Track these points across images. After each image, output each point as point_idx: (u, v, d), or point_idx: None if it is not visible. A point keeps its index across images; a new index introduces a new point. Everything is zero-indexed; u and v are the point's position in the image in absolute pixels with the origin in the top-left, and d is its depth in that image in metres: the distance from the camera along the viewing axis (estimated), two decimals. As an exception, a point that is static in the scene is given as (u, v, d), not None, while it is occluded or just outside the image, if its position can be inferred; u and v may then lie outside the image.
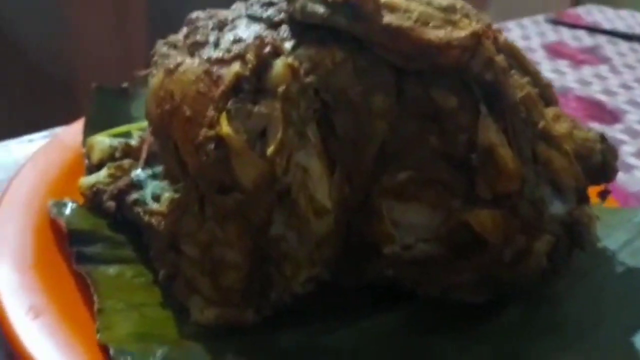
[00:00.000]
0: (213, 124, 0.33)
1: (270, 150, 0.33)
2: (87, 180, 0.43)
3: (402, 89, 0.35)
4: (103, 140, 0.47)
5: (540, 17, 1.02)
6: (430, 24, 0.34)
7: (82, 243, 0.39)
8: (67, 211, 0.41)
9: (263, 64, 0.34)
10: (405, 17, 0.34)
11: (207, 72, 0.34)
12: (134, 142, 0.47)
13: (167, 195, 0.40)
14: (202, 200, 0.35)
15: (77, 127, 0.49)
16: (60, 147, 0.48)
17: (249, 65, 0.34)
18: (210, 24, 0.37)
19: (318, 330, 0.37)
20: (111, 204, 0.42)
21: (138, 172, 0.43)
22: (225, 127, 0.33)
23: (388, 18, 0.34)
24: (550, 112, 0.39)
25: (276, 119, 0.33)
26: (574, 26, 0.98)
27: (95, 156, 0.46)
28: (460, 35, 0.34)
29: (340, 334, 0.37)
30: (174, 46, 0.38)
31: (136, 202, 0.41)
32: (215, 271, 0.35)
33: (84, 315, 0.35)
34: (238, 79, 0.33)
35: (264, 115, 0.33)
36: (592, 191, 0.41)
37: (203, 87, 0.34)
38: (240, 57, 0.34)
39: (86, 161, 0.46)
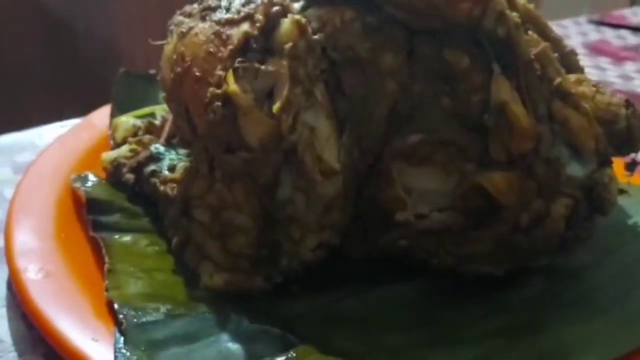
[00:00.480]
0: (221, 83, 0.33)
1: (275, 107, 0.33)
2: (109, 155, 0.44)
3: (414, 48, 0.35)
4: (127, 120, 0.48)
5: (582, 18, 0.99)
6: (440, -20, 0.33)
7: (100, 212, 0.40)
8: (89, 184, 0.42)
9: (271, 23, 0.34)
10: (414, -27, 0.34)
11: (217, 33, 0.35)
12: (157, 121, 0.47)
13: (182, 164, 0.40)
14: (211, 162, 0.35)
15: (106, 110, 0.51)
16: (89, 128, 0.49)
17: (258, 25, 0.34)
18: (223, -10, 0.38)
19: (328, 298, 0.36)
20: (130, 176, 0.42)
21: (157, 146, 0.43)
22: (232, 86, 0.33)
23: (397, -25, 0.33)
24: (572, 77, 0.38)
25: (283, 77, 0.33)
26: (617, 26, 0.95)
27: (119, 135, 0.47)
28: (470, -12, 0.33)
29: (350, 302, 0.36)
30: (189, 15, 0.38)
31: (153, 173, 0.41)
32: (225, 235, 0.35)
33: (96, 277, 0.35)
34: (246, 38, 0.34)
35: (271, 74, 0.33)
36: (620, 163, 0.39)
37: (212, 48, 0.34)
38: (249, 17, 0.34)
39: (111, 140, 0.47)
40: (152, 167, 0.42)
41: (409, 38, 0.35)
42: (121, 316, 0.31)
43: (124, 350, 0.29)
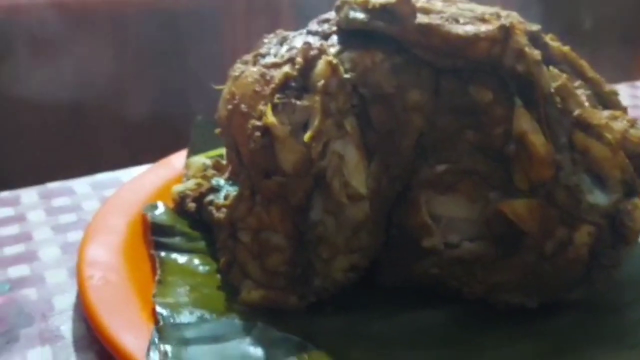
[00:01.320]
0: (262, 116, 0.38)
1: (307, 135, 0.36)
2: (177, 187, 0.49)
3: (440, 85, 0.37)
4: (199, 160, 0.53)
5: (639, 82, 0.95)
6: (461, 21, 0.36)
7: (162, 234, 0.44)
8: (157, 212, 0.47)
9: (309, 65, 0.38)
10: (437, 17, 0.37)
11: (263, 75, 0.39)
12: (224, 161, 0.53)
13: (233, 193, 0.44)
14: (252, 187, 0.39)
15: (184, 153, 0.57)
16: (167, 166, 0.55)
17: (297, 67, 0.38)
18: (275, 40, 0.43)
19: (357, 319, 0.38)
20: (192, 205, 0.47)
21: (218, 180, 0.48)
22: (270, 117, 0.37)
23: (421, 19, 0.37)
24: (605, 112, 0.39)
25: (315, 110, 0.37)
26: None
27: (191, 172, 0.52)
28: (489, 28, 0.35)
29: (379, 324, 0.38)
30: (245, 62, 0.43)
31: (211, 202, 0.46)
32: (262, 254, 0.39)
33: (150, 288, 0.40)
34: (287, 78, 0.38)
35: (306, 108, 0.37)
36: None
37: (258, 87, 0.39)
38: (291, 60, 0.39)
39: (184, 178, 0.53)
40: (211, 197, 0.46)
41: (435, 76, 0.37)
42: (159, 316, 0.35)
43: (156, 344, 0.33)
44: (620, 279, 0.40)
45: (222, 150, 0.55)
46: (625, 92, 0.90)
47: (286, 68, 0.38)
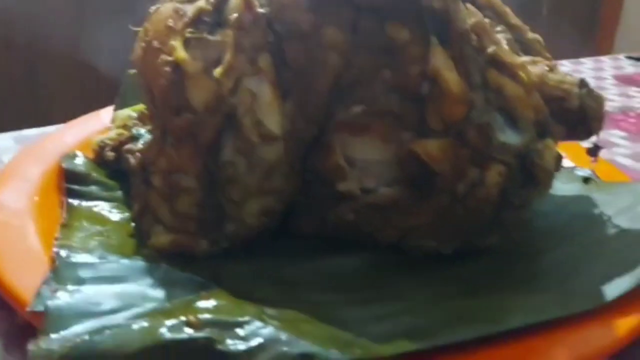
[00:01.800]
0: (173, 51, 0.36)
1: (217, 71, 0.35)
2: (97, 137, 0.47)
3: (358, 23, 0.36)
4: (125, 111, 0.51)
5: (621, 55, 0.97)
6: (378, -44, 0.35)
7: (76, 182, 0.43)
8: (76, 161, 0.45)
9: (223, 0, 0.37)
10: (355, -48, 0.36)
11: (176, 10, 0.38)
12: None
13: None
14: (163, 127, 0.37)
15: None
16: (95, 119, 0.53)
17: (211, 1, 0.37)
18: (193, -22, 0.41)
19: (270, 265, 0.37)
20: (110, 154, 0.45)
21: (139, 128, 0.46)
22: (181, 52, 0.35)
23: (339, -47, 0.35)
24: (526, 58, 0.38)
25: (228, 45, 0.35)
26: (659, 62, 0.92)
27: (116, 124, 0.50)
28: (405, -38, 0.34)
29: (290, 269, 0.37)
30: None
31: (129, 150, 0.44)
32: (173, 197, 0.37)
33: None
34: (200, 12, 0.36)
35: (219, 44, 0.36)
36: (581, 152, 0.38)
37: (170, 22, 0.37)
38: (206, -5, 0.37)
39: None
40: (130, 145, 0.45)
41: (354, 14, 0.36)
42: (56, 256, 0.33)
43: (48, 284, 0.31)
44: (534, 228, 0.39)
45: (149, 104, 0.53)
46: (608, 64, 0.91)
47: (200, 3, 0.37)
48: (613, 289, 0.32)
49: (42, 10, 1.01)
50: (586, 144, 0.40)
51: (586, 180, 0.42)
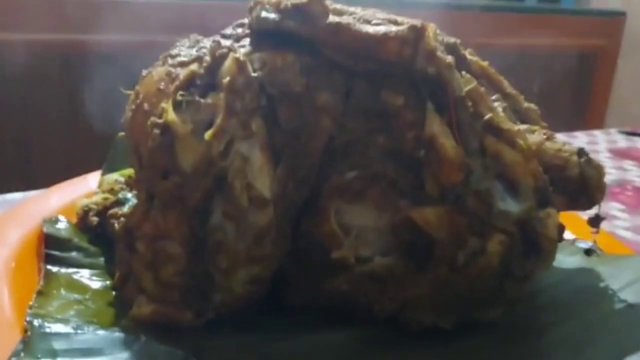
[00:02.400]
0: (163, 113, 0.35)
1: (208, 133, 0.34)
2: (82, 201, 0.46)
3: (351, 88, 0.36)
4: (112, 176, 0.50)
5: (612, 130, 0.98)
6: (372, 22, 0.35)
7: (56, 248, 0.41)
8: (58, 226, 0.44)
9: (217, 63, 0.36)
10: (349, 17, 0.35)
11: (168, 73, 0.37)
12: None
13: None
14: (150, 191, 0.36)
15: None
16: (82, 183, 0.52)
17: (204, 64, 0.36)
18: (187, 42, 0.41)
19: (257, 338, 0.35)
20: (94, 219, 0.44)
21: (125, 193, 0.45)
22: (170, 115, 0.34)
23: (333, 19, 0.35)
24: (523, 126, 0.38)
25: (219, 108, 0.34)
26: (651, 136, 0.93)
27: (103, 188, 0.49)
28: (399, 29, 0.34)
29: (278, 344, 0.34)
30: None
31: (113, 215, 0.42)
32: (157, 264, 0.35)
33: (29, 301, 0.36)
34: (192, 75, 0.36)
35: (211, 107, 0.35)
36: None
37: (162, 85, 0.37)
38: (198, 59, 0.37)
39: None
40: (115, 210, 0.43)
41: (347, 79, 0.36)
42: (28, 325, 0.31)
43: (17, 356, 0.29)
44: (538, 302, 0.38)
45: (139, 168, 0.52)
46: (601, 138, 0.91)
47: (193, 66, 0.36)
48: (623, 367, 0.30)
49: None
50: (587, 214, 0.39)
51: (588, 252, 0.41)
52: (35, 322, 0.32)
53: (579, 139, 0.91)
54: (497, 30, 1.67)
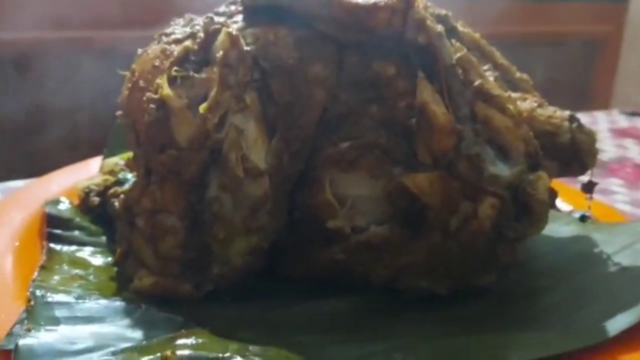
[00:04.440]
0: (158, 89, 0.36)
1: (202, 106, 0.34)
2: (82, 183, 0.47)
3: (343, 59, 0.36)
4: (113, 159, 0.51)
5: (614, 110, 0.98)
6: (362, -6, 0.35)
7: (58, 227, 0.41)
8: (60, 207, 0.44)
9: (210, 39, 0.37)
10: (340, -9, 0.36)
11: (163, 50, 0.38)
12: (137, 160, 0.50)
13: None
14: (147, 166, 0.37)
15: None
16: (84, 168, 0.53)
17: (198, 40, 0.37)
18: (182, 21, 0.41)
19: (257, 307, 0.35)
20: (94, 199, 0.44)
21: (125, 173, 0.46)
22: (166, 90, 0.35)
23: (323, -8, 0.36)
24: (516, 95, 0.38)
25: (213, 82, 0.35)
26: (652, 116, 0.93)
27: (103, 171, 0.50)
28: (389, -1, 0.35)
29: (278, 312, 0.35)
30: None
31: (113, 194, 0.43)
32: (156, 238, 0.36)
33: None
34: (186, 51, 0.36)
35: (205, 81, 0.35)
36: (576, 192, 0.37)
37: (157, 62, 0.37)
38: (192, 35, 0.37)
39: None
40: (115, 189, 0.44)
41: (339, 51, 0.36)
42: (31, 295, 0.32)
43: (21, 323, 0.30)
44: (534, 268, 0.38)
45: (139, 152, 0.53)
46: (602, 119, 0.91)
47: (187, 43, 0.37)
48: (615, 325, 0.31)
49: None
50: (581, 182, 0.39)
51: (582, 218, 0.41)
52: (38, 292, 0.32)
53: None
54: (500, 19, 1.66)
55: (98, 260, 0.40)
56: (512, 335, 0.32)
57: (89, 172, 0.52)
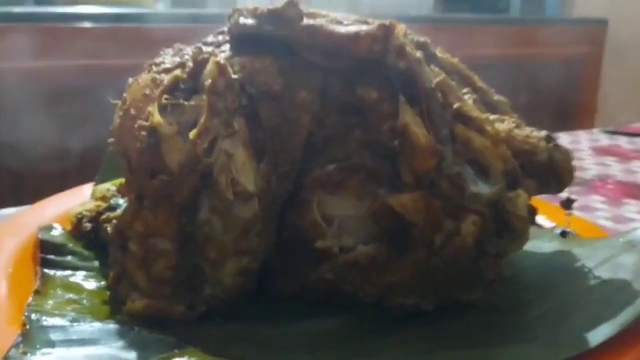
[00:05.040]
0: (149, 117, 0.37)
1: (192, 133, 0.36)
2: (75, 209, 0.47)
3: (327, 85, 0.38)
4: (105, 186, 0.52)
5: (595, 130, 1.00)
6: (344, 23, 0.37)
7: (52, 253, 0.42)
8: (53, 233, 0.45)
9: (199, 68, 0.38)
10: (323, 20, 0.38)
11: (154, 80, 0.39)
12: (130, 186, 0.51)
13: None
14: (140, 191, 0.38)
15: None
16: (77, 194, 0.53)
17: (187, 70, 0.38)
18: (171, 51, 0.43)
19: (247, 327, 0.36)
20: (87, 225, 0.45)
21: (117, 199, 0.47)
22: (157, 117, 0.36)
23: (307, 21, 0.37)
24: (493, 117, 0.39)
25: (203, 109, 0.36)
26: (633, 135, 0.95)
27: (95, 197, 0.50)
28: (369, 27, 0.36)
29: (269, 332, 0.36)
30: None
31: (106, 220, 0.44)
32: (149, 261, 0.37)
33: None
34: (176, 80, 0.38)
35: (195, 108, 0.37)
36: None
37: (148, 91, 0.38)
38: (182, 65, 0.39)
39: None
40: (107, 214, 0.45)
41: (323, 77, 0.38)
42: (26, 320, 0.33)
43: (17, 347, 0.30)
44: (518, 283, 0.39)
45: (131, 178, 0.54)
46: (584, 138, 0.94)
47: (177, 72, 0.38)
48: (597, 336, 0.32)
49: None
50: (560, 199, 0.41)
51: (563, 234, 0.42)
52: (34, 317, 0.33)
53: (562, 139, 0.93)
54: (483, 43, 1.70)
55: (91, 285, 0.40)
56: (500, 349, 0.32)
57: (81, 198, 0.53)
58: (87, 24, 1.17)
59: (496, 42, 1.77)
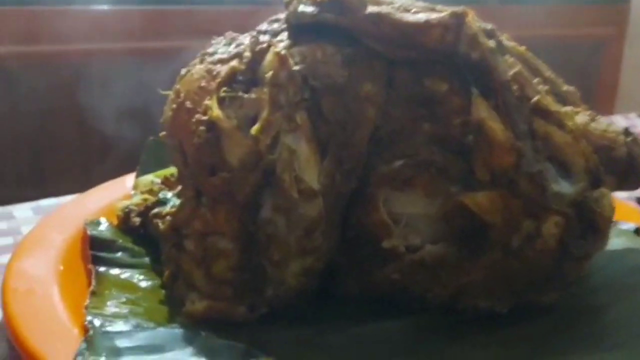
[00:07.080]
0: (207, 111, 0.35)
1: (254, 128, 0.34)
2: (121, 203, 0.46)
3: (393, 76, 0.36)
4: (147, 177, 0.50)
5: (632, 114, 0.97)
6: (412, 10, 0.35)
7: (102, 249, 0.41)
8: (100, 228, 0.44)
9: (257, 58, 0.36)
10: (388, 7, 0.36)
11: (209, 71, 0.37)
12: (173, 178, 0.50)
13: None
14: (198, 188, 0.36)
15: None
16: (118, 185, 0.52)
17: (245, 60, 0.36)
18: (223, 41, 0.41)
19: (312, 331, 0.35)
20: (136, 220, 0.44)
21: (165, 193, 0.45)
22: (215, 111, 0.35)
23: (372, 9, 0.35)
24: (567, 108, 0.38)
25: (264, 102, 0.35)
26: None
27: (138, 190, 0.49)
28: (440, 15, 0.34)
29: (335, 336, 0.34)
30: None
31: (157, 214, 0.43)
32: (208, 260, 0.35)
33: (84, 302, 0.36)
34: (234, 71, 0.36)
35: (254, 101, 0.35)
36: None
37: (204, 83, 0.37)
38: (238, 55, 0.37)
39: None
40: (157, 209, 0.43)
41: (388, 68, 0.36)
42: (89, 325, 0.31)
43: (84, 354, 0.29)
44: (591, 283, 0.37)
45: (173, 169, 0.52)
46: (620, 122, 0.91)
47: (233, 62, 0.37)
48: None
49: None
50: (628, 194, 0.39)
51: (638, 231, 0.41)
52: (96, 322, 0.32)
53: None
54: (502, 23, 1.67)
55: (145, 283, 0.39)
56: (580, 356, 0.31)
57: (122, 190, 0.51)
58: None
59: (512, 22, 1.74)
